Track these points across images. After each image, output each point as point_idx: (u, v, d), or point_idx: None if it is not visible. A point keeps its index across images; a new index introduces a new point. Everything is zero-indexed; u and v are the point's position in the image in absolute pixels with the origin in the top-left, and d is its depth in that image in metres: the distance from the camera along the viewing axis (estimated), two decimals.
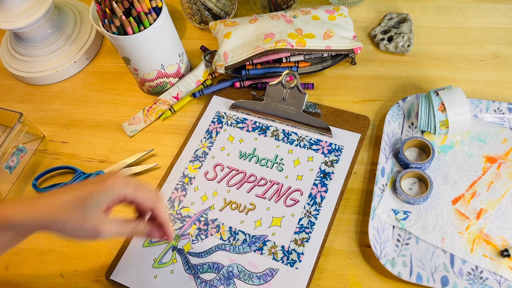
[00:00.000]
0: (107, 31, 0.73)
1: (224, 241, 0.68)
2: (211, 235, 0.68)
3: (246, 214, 0.69)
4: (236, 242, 0.67)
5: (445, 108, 0.68)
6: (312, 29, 0.78)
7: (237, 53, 0.79)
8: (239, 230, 0.68)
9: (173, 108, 0.82)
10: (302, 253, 0.65)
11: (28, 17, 0.83)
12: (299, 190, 0.70)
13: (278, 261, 0.65)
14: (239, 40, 0.80)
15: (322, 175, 0.71)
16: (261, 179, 0.72)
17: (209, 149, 0.76)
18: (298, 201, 0.69)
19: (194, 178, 0.74)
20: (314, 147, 0.73)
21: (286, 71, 0.76)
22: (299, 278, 0.63)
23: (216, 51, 0.82)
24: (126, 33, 0.72)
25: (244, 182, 0.72)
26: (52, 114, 0.87)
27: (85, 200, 0.54)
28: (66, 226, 0.55)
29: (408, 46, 0.81)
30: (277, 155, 0.74)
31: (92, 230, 0.55)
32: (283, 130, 0.76)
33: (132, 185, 0.56)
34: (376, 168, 0.69)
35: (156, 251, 0.68)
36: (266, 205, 0.70)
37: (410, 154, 0.71)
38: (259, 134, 0.76)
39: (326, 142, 0.73)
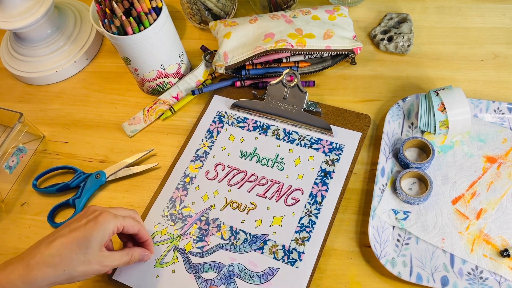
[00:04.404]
0: (107, 31, 0.73)
1: (225, 240, 0.68)
2: (212, 234, 0.68)
3: (247, 214, 0.69)
4: (237, 242, 0.67)
5: (445, 108, 0.68)
6: (312, 29, 0.78)
7: (237, 53, 0.79)
8: (240, 230, 0.68)
9: (173, 108, 0.82)
10: (303, 252, 0.65)
11: (28, 17, 0.83)
12: (299, 189, 0.70)
13: (278, 260, 0.65)
14: (239, 40, 0.80)
15: (322, 174, 0.71)
16: (261, 179, 0.72)
17: (210, 149, 0.76)
18: (299, 200, 0.69)
19: (195, 177, 0.74)
20: (315, 146, 0.73)
21: (286, 70, 0.76)
22: (299, 277, 0.63)
23: (216, 51, 0.82)
24: (126, 33, 0.72)
25: (245, 181, 0.72)
26: (52, 114, 0.87)
27: (85, 244, 0.58)
28: (72, 276, 0.58)
29: (408, 46, 0.81)
30: (277, 154, 0.74)
31: (97, 270, 0.59)
32: (284, 129, 0.76)
33: (119, 216, 0.61)
34: (376, 168, 0.70)
35: (158, 251, 0.68)
36: (266, 204, 0.70)
37: (410, 154, 0.71)
38: (260, 134, 0.76)
39: (327, 141, 0.73)
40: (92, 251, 0.58)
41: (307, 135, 0.75)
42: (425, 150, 0.71)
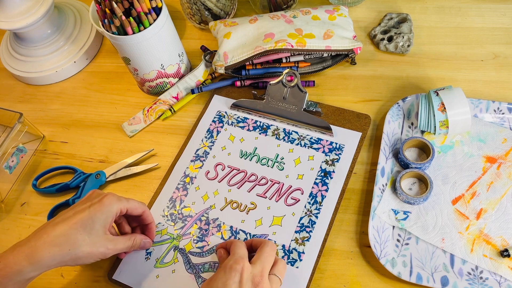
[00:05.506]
0: (107, 31, 0.73)
1: (225, 240, 0.68)
2: (212, 234, 0.68)
3: (247, 214, 0.69)
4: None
5: (445, 108, 0.68)
6: (312, 29, 0.78)
7: (237, 53, 0.79)
8: (240, 230, 0.68)
9: (173, 108, 0.82)
10: (303, 252, 0.65)
11: (28, 17, 0.83)
12: (299, 189, 0.70)
13: None
14: (239, 40, 0.80)
15: (323, 174, 0.71)
16: (262, 178, 0.72)
17: (210, 149, 0.76)
18: (299, 200, 0.69)
19: (195, 177, 0.74)
20: (314, 146, 0.73)
21: (286, 70, 0.76)
22: (299, 277, 0.63)
23: (216, 51, 0.82)
24: (126, 33, 0.72)
25: (245, 181, 0.72)
26: (52, 114, 0.87)
27: (90, 225, 0.59)
28: (77, 257, 0.59)
29: (408, 46, 0.81)
30: (277, 154, 0.74)
31: (101, 252, 0.61)
32: (284, 129, 0.76)
33: (123, 198, 0.63)
34: (376, 168, 0.70)
35: (158, 251, 0.68)
36: (266, 204, 0.70)
37: (410, 154, 0.71)
38: (260, 133, 0.76)
39: (327, 141, 0.73)
40: (96, 232, 0.60)
41: (307, 135, 0.75)
42: (425, 150, 0.71)
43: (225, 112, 0.79)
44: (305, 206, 0.69)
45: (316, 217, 0.67)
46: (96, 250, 0.60)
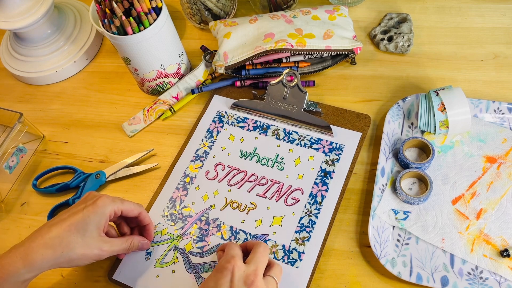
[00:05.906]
0: (107, 31, 0.73)
1: (225, 240, 0.68)
2: (212, 234, 0.68)
3: (247, 214, 0.69)
4: (237, 242, 0.67)
5: (445, 108, 0.68)
6: (312, 29, 0.78)
7: (237, 53, 0.79)
8: (240, 230, 0.68)
9: (173, 108, 0.82)
10: (303, 252, 0.65)
11: (28, 17, 0.83)
12: (299, 189, 0.70)
13: (278, 260, 0.65)
14: (239, 40, 0.80)
15: (323, 174, 0.71)
16: (262, 179, 0.72)
17: (210, 149, 0.76)
18: (299, 200, 0.69)
19: (195, 177, 0.74)
20: (314, 146, 0.73)
21: (286, 70, 0.76)
22: (299, 277, 0.63)
23: (216, 51, 0.82)
24: (126, 33, 0.72)
25: (245, 181, 0.72)
26: (52, 114, 0.87)
27: (83, 227, 0.59)
28: (71, 259, 0.59)
29: (408, 46, 0.81)
30: (277, 154, 0.74)
31: (96, 254, 0.61)
32: (284, 129, 0.76)
33: (117, 199, 0.63)
34: (376, 168, 0.70)
35: (158, 251, 0.68)
36: (266, 204, 0.70)
37: (410, 154, 0.71)
38: (260, 133, 0.76)
39: (327, 141, 0.73)
40: (90, 234, 0.60)
41: (307, 135, 0.75)
42: (425, 150, 0.71)
43: (225, 112, 0.79)
44: (305, 206, 0.69)
45: (316, 217, 0.67)
46: (90, 252, 0.60)
